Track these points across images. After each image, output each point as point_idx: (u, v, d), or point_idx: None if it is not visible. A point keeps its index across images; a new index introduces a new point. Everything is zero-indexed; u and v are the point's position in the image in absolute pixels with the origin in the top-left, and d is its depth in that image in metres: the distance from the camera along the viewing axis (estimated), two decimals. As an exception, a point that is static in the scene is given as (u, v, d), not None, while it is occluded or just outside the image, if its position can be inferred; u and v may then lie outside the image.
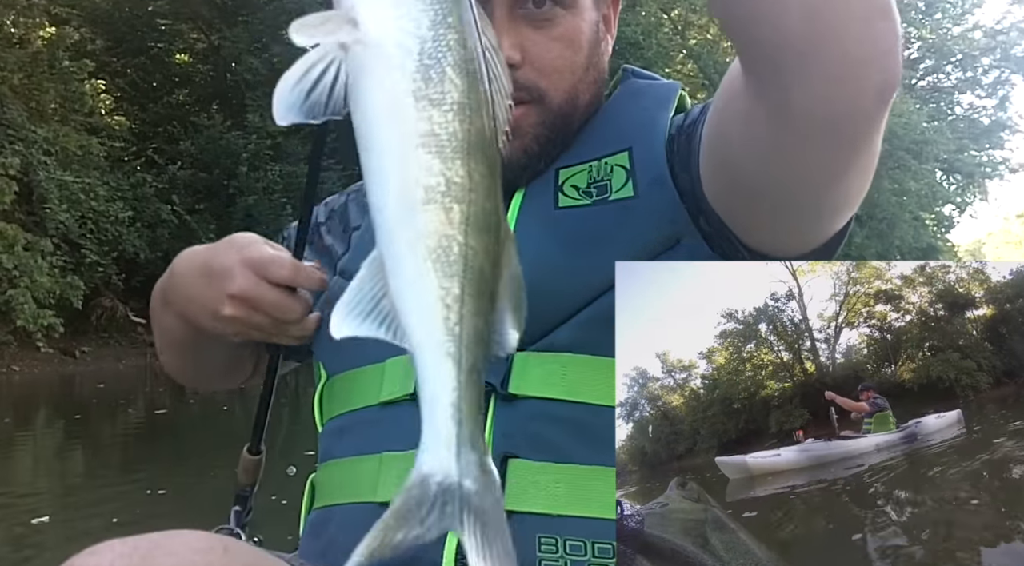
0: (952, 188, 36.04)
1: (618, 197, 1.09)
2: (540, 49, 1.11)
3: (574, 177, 1.12)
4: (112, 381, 14.07)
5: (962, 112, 37.55)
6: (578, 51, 1.14)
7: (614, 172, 1.11)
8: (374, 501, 1.05)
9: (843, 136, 0.85)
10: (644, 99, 1.19)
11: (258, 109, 20.37)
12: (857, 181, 0.92)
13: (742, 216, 1.02)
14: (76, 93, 17.78)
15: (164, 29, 22.22)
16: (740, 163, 0.96)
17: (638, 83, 1.24)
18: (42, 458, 7.81)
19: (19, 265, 14.25)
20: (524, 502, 0.99)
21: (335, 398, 1.18)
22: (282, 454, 5.88)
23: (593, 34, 1.17)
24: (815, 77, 0.80)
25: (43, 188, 15.44)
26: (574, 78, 1.14)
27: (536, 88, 1.11)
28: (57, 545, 4.36)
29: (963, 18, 36.97)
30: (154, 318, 1.30)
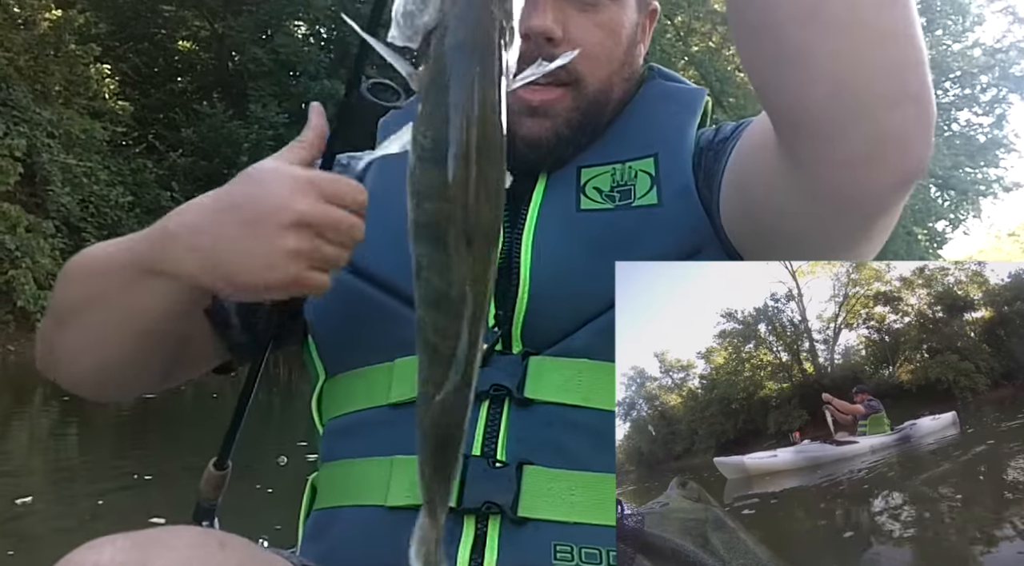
0: (946, 204, 36.15)
1: (641, 204, 1.07)
2: (582, 31, 1.09)
3: (597, 179, 1.10)
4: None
5: (959, 129, 37.63)
6: (618, 43, 1.12)
7: (638, 177, 1.09)
8: (384, 505, 1.02)
9: (864, 212, 0.84)
10: (672, 104, 1.17)
11: (260, 99, 20.35)
12: (876, 243, 0.92)
13: (754, 248, 1.01)
14: (82, 77, 17.75)
15: (168, 16, 22.18)
16: (760, 207, 0.95)
17: (665, 85, 1.21)
18: (36, 439, 7.80)
19: (21, 246, 14.19)
20: (539, 509, 0.98)
21: (338, 397, 1.14)
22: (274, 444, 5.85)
23: (633, 33, 1.15)
24: (839, 156, 0.78)
25: (46, 170, 15.43)
26: (611, 69, 1.12)
27: (574, 70, 1.08)
28: (36, 527, 4.34)
29: (963, 35, 37.08)
30: (99, 297, 1.04)
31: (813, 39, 0.76)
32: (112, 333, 1.05)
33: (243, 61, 21.70)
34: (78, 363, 1.10)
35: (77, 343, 1.08)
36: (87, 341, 1.07)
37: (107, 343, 1.06)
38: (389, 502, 1.02)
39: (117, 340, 1.05)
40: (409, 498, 1.00)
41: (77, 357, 1.09)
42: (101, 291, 1.03)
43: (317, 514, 1.12)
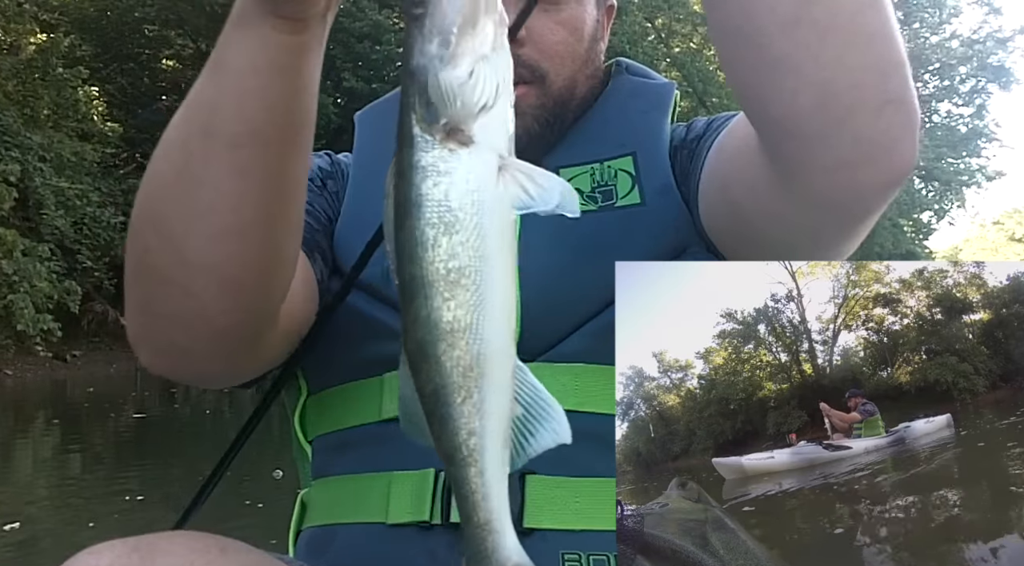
0: (930, 195, 36.33)
1: (624, 204, 1.07)
2: (545, 30, 1.08)
3: (576, 179, 1.09)
4: (102, 385, 14.01)
5: (940, 120, 37.83)
6: (580, 40, 1.12)
7: (618, 177, 1.09)
8: (385, 522, 1.00)
9: (851, 214, 0.84)
10: (642, 101, 1.16)
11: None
12: (859, 239, 0.92)
13: (737, 248, 1.00)
14: (70, 100, 17.75)
15: (151, 35, 22.15)
16: (745, 209, 0.94)
17: (634, 81, 1.20)
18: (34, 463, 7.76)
19: (18, 270, 14.19)
20: (545, 519, 0.97)
21: (325, 413, 1.12)
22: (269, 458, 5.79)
23: (594, 29, 1.15)
24: (825, 160, 0.78)
25: (39, 194, 15.43)
26: (574, 66, 1.12)
27: (538, 68, 1.08)
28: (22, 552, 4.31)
29: (941, 28, 37.30)
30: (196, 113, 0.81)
31: (796, 45, 0.75)
32: (222, 155, 0.78)
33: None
34: (184, 247, 0.80)
35: (179, 208, 0.80)
36: (188, 193, 0.80)
37: (218, 176, 0.78)
38: (390, 519, 1.00)
39: (229, 165, 0.78)
40: (411, 515, 0.98)
41: (182, 234, 0.80)
42: (187, 115, 0.82)
43: (312, 531, 1.10)
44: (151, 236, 0.82)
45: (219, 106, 0.77)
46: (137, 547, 0.82)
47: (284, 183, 0.80)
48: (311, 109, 0.80)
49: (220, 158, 0.77)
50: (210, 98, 0.78)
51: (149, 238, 0.82)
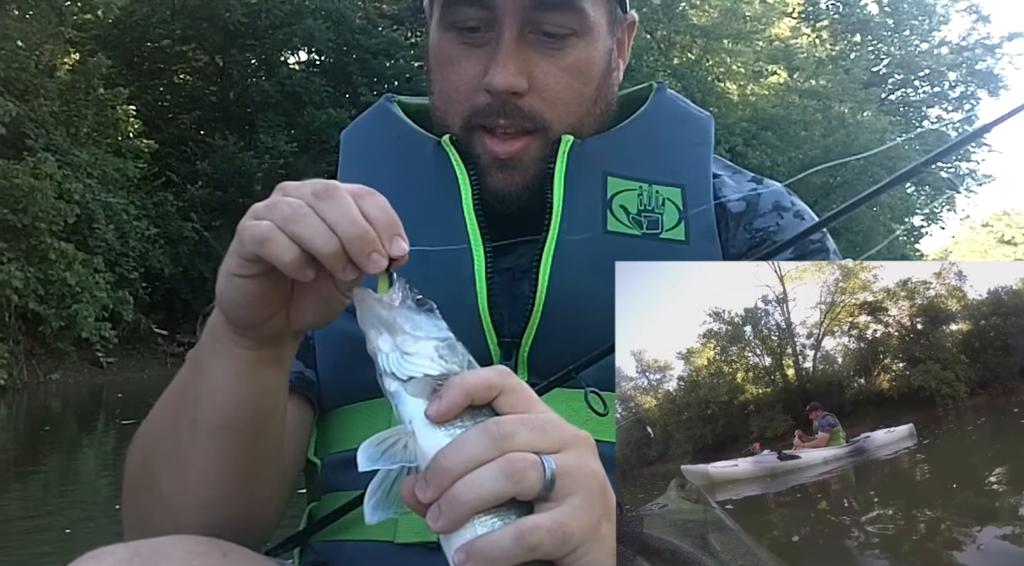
0: (921, 199, 36.09)
1: (669, 237, 1.01)
2: (549, 78, 1.01)
3: (624, 195, 1.03)
4: (133, 387, 14.17)
5: (930, 125, 37.58)
6: (588, 83, 1.04)
7: (666, 206, 1.03)
8: (393, 541, 0.97)
9: None
10: (692, 132, 1.10)
11: (269, 130, 20.40)
12: None
13: None
14: (110, 119, 18.07)
15: (169, 51, 22.18)
16: None
17: (680, 106, 1.13)
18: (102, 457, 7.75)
19: (80, 281, 14.73)
20: None
21: (333, 433, 1.07)
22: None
23: (605, 64, 1.06)
24: None
25: (90, 209, 15.84)
26: (580, 111, 1.04)
27: (540, 118, 1.01)
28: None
29: (930, 35, 37.11)
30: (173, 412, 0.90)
31: None
32: (204, 443, 0.87)
33: (248, 93, 21.74)
34: (181, 514, 0.90)
35: (173, 484, 0.89)
36: (180, 472, 0.88)
37: (203, 460, 0.87)
38: (398, 538, 0.96)
39: (210, 451, 0.87)
40: (419, 536, 0.94)
41: (179, 505, 0.89)
42: (173, 404, 0.91)
43: (317, 545, 1.06)
44: (147, 498, 0.93)
45: (199, 401, 0.86)
46: (138, 551, 0.79)
47: (258, 458, 0.90)
48: (277, 406, 0.89)
49: (203, 446, 0.87)
50: (193, 394, 0.87)
51: (145, 500, 0.93)
